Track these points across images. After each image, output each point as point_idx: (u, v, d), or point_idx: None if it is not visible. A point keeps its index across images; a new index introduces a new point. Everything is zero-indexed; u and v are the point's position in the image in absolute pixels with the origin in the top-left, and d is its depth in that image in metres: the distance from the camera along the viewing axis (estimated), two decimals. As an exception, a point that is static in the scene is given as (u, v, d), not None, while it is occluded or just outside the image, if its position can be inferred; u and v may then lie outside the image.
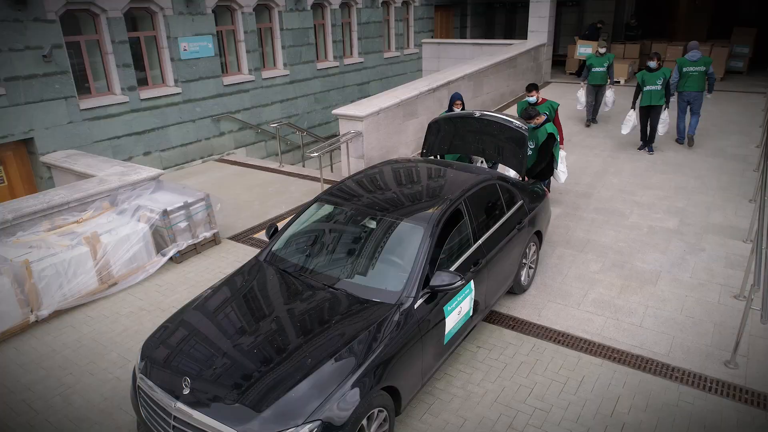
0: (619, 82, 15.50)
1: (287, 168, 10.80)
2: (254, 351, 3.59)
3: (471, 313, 4.61)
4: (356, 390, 3.38)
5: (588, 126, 11.51)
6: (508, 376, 4.66)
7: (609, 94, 11.07)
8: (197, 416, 3.22)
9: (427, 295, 4.04)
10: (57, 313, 5.75)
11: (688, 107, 9.86)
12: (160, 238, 6.83)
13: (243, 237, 7.60)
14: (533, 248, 5.86)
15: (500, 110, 13.25)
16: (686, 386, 4.47)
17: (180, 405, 3.30)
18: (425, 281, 4.05)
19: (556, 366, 4.77)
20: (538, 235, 5.93)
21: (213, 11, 11.10)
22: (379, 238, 4.46)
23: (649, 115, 9.55)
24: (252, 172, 10.69)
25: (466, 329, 4.65)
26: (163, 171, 7.68)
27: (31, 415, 4.39)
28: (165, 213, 6.66)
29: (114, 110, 9.64)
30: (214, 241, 7.35)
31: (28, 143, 8.72)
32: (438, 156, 6.84)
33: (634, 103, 9.53)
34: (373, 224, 4.58)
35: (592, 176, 9.05)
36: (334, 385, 3.33)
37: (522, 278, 5.71)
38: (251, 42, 12.09)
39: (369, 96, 10.82)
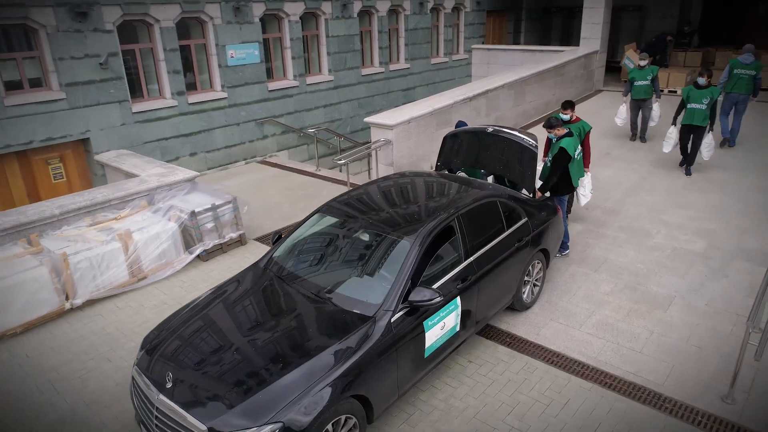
0: (675, 92, 14.84)
1: (323, 172, 11.14)
2: (234, 353, 3.87)
3: (458, 329, 4.69)
4: (322, 396, 3.57)
5: (633, 140, 11.03)
6: (492, 393, 4.71)
7: (655, 108, 10.52)
8: (174, 408, 3.53)
9: (407, 310, 4.18)
10: (90, 302, 6.31)
11: (734, 109, 10.07)
12: (189, 237, 7.32)
13: (268, 238, 7.98)
14: (538, 266, 5.84)
15: (545, 119, 13.05)
16: (674, 418, 4.36)
17: (161, 397, 3.63)
18: (407, 296, 4.19)
19: (543, 387, 4.76)
20: (545, 252, 5.90)
21: (260, 20, 11.62)
22: (369, 251, 4.64)
23: (690, 135, 8.99)
24: (289, 175, 11.13)
25: (453, 344, 4.73)
26: (198, 173, 8.18)
27: (52, 394, 4.89)
28: (193, 214, 7.13)
29: (163, 113, 10.34)
30: (240, 241, 7.76)
31: (85, 143, 9.53)
32: (453, 169, 6.91)
33: (675, 119, 9.09)
34: (366, 237, 4.77)
35: (624, 192, 8.79)
36: (300, 390, 3.54)
37: (524, 295, 5.71)
38: (297, 49, 12.55)
39: (414, 101, 11.01)
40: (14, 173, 8.95)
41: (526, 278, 5.66)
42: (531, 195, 6.20)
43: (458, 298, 4.60)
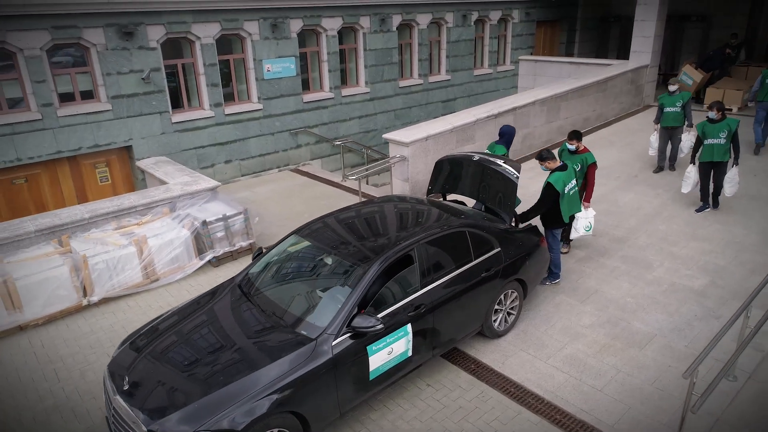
0: (731, 110, 13.98)
1: (349, 183, 11.53)
2: (186, 363, 4.29)
3: (410, 354, 4.89)
4: (255, 409, 3.92)
5: (656, 171, 10.40)
6: (440, 419, 4.88)
7: (685, 139, 9.90)
8: (125, 409, 4.00)
9: (351, 334, 4.44)
10: (105, 300, 7.02)
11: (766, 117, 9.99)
12: (202, 244, 7.92)
13: (277, 248, 8.45)
14: (513, 295, 5.89)
15: (588, 133, 12.75)
16: (613, 462, 4.35)
17: (117, 398, 4.11)
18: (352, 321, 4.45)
19: (491, 417, 4.87)
20: (522, 282, 5.95)
21: (297, 35, 12.17)
22: (328, 275, 4.94)
23: (711, 173, 8.36)
24: (316, 185, 11.61)
25: (404, 368, 4.92)
26: (219, 183, 8.78)
27: (54, 382, 5.56)
28: (204, 223, 7.71)
29: (201, 123, 11.11)
30: (250, 249, 8.28)
31: (128, 149, 10.44)
32: (443, 194, 7.04)
33: (693, 157, 8.50)
34: (329, 261, 5.07)
35: (640, 219, 8.54)
36: (234, 402, 3.90)
37: (496, 324, 5.79)
38: (333, 62, 13.02)
39: (454, 112, 11.14)
40: (65, 175, 9.97)
41: (497, 307, 5.75)
42: (512, 225, 6.25)
43: (409, 326, 4.79)
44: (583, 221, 7.07)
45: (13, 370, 5.77)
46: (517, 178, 5.97)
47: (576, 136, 7.16)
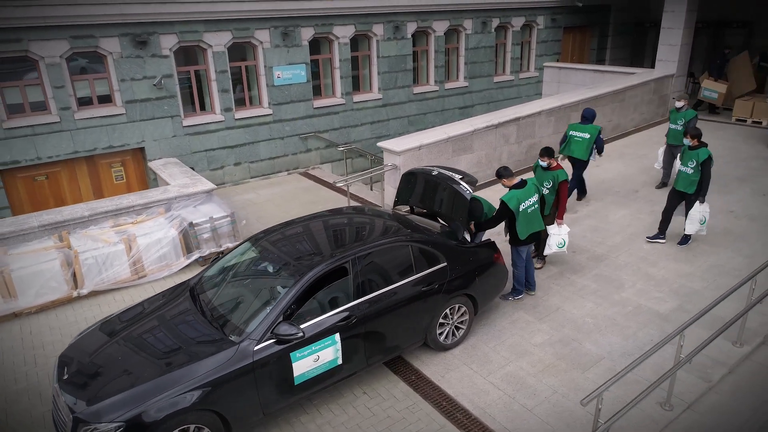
0: (761, 123, 13.32)
1: (352, 189, 11.78)
2: (119, 357, 4.67)
3: (339, 362, 5.09)
4: (175, 403, 4.24)
5: (659, 187, 10.06)
6: (365, 427, 5.06)
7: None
8: (59, 395, 4.41)
9: (274, 340, 4.69)
10: (94, 293, 7.57)
11: None
12: (191, 244, 8.38)
13: (263, 250, 8.81)
14: (461, 310, 5.98)
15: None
16: (519, 482, 4.41)
17: (56, 385, 4.53)
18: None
19: (414, 429, 5.00)
20: (472, 298, 6.02)
21: (309, 42, 12.52)
22: (265, 283, 5.22)
23: (678, 202, 7.88)
24: (319, 189, 11.93)
25: (335, 375, 5.12)
26: (215, 186, 9.22)
27: (31, 366, 6.09)
28: (191, 224, 8.16)
29: (211, 127, 11.65)
30: (237, 251, 8.68)
31: (141, 151, 11.10)
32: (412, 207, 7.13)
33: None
34: (270, 269, 5.34)
35: (625, 237, 8.36)
36: (157, 395, 4.23)
37: (442, 337, 5.90)
38: (345, 69, 13.31)
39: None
40: (83, 174, 10.73)
41: (442, 321, 5.85)
42: (470, 239, 6.32)
43: (337, 335, 5.00)
44: (556, 238, 7.05)
45: (0, 353, 6.37)
46: (470, 194, 6.03)
47: (548, 152, 7.13)
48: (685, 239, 8.01)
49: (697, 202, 7.60)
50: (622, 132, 13.80)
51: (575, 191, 9.58)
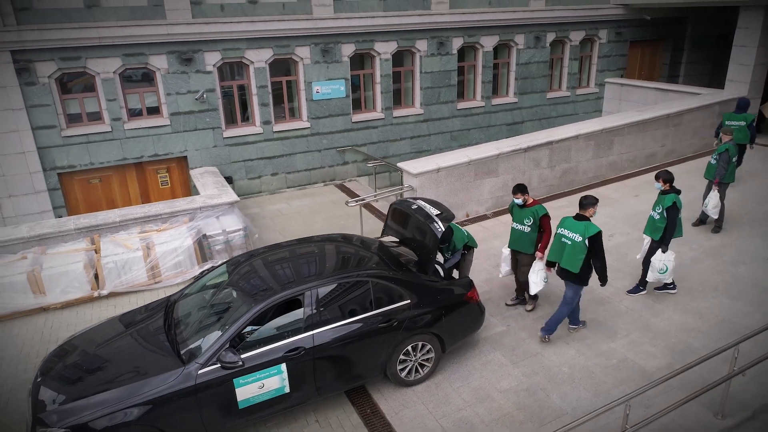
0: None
1: (379, 204, 11.94)
2: (85, 366, 5.17)
3: (287, 390, 5.28)
4: (121, 415, 4.65)
5: (695, 224, 9.31)
6: (306, 456, 5.23)
7: (712, 195, 8.75)
8: (35, 392, 4.98)
9: (219, 366, 4.97)
10: (113, 294, 8.31)
11: None
12: (206, 254, 8.94)
13: (274, 264, 9.21)
14: (425, 348, 5.96)
15: (646, 172, 11.82)
16: None
17: (30, 386, 5.11)
18: (225, 354, 4.99)
19: (351, 464, 5.10)
20: (438, 336, 5.98)
21: (350, 58, 12.81)
22: (224, 308, 5.52)
23: (652, 249, 7.31)
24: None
25: (282, 402, 5.31)
26: (238, 198, 9.74)
27: (37, 361, 6.83)
28: (205, 236, 8.71)
29: (250, 139, 12.27)
30: (249, 263, 9.13)
31: (185, 159, 11.92)
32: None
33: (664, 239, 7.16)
34: (233, 295, 5.65)
35: (637, 280, 7.85)
36: (96, 409, 4.66)
37: (404, 374, 5.92)
38: (386, 84, 13.46)
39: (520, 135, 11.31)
40: (132, 178, 11.72)
41: (404, 357, 5.87)
42: (442, 276, 6.28)
43: (284, 365, 5.20)
44: (540, 273, 6.77)
45: (21, 343, 7.20)
46: (440, 232, 5.98)
47: (520, 189, 6.73)
48: (636, 288, 7.56)
49: (659, 250, 7.06)
50: (676, 158, 12.87)
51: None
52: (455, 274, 6.97)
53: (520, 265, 7.03)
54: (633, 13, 16.15)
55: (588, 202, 6.22)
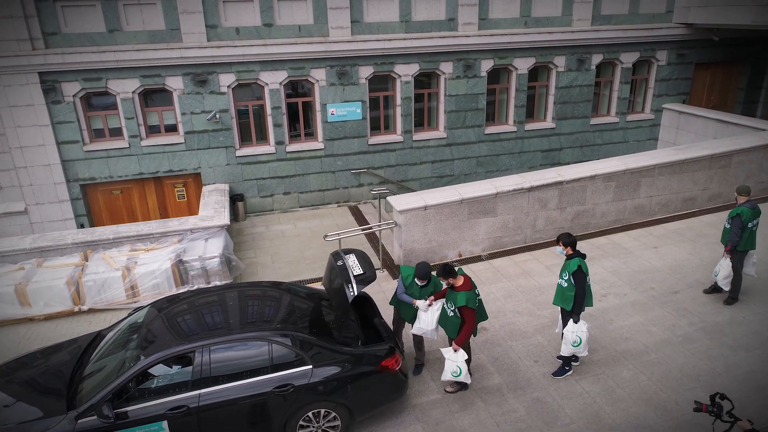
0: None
1: (382, 232, 11.67)
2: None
3: (168, 447, 5.28)
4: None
5: (707, 292, 8.15)
6: None
7: (723, 265, 7.61)
8: None
9: (96, 418, 5.06)
10: (92, 310, 8.78)
11: None
12: (184, 278, 9.20)
13: (250, 292, 9.29)
14: (329, 415, 5.68)
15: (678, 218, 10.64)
16: None
17: None
18: (104, 406, 5.08)
19: None
20: (345, 405, 5.69)
21: (368, 80, 12.60)
22: (122, 356, 5.58)
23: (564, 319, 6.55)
24: (354, 227, 12.02)
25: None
26: (228, 222, 9.92)
27: (2, 372, 7.37)
28: (181, 261, 8.95)
29: (263, 158, 12.47)
30: (226, 289, 9.28)
31: (200, 175, 12.35)
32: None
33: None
34: (132, 343, 5.71)
35: (611, 355, 7.00)
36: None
37: (303, 438, 5.71)
38: (406, 107, 13.10)
39: (558, 165, 10.71)
40: (151, 191, 12.34)
41: (305, 423, 5.64)
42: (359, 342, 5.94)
43: (165, 423, 5.18)
44: (451, 364, 6.08)
45: (2, 348, 7.80)
46: (352, 298, 5.66)
47: (444, 272, 5.96)
48: (561, 370, 6.68)
49: (571, 320, 6.24)
50: (723, 203, 11.37)
51: None
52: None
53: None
54: (698, 33, 14.49)
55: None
